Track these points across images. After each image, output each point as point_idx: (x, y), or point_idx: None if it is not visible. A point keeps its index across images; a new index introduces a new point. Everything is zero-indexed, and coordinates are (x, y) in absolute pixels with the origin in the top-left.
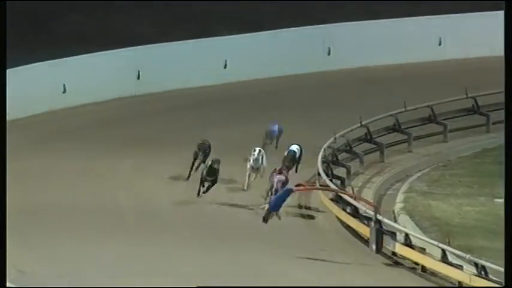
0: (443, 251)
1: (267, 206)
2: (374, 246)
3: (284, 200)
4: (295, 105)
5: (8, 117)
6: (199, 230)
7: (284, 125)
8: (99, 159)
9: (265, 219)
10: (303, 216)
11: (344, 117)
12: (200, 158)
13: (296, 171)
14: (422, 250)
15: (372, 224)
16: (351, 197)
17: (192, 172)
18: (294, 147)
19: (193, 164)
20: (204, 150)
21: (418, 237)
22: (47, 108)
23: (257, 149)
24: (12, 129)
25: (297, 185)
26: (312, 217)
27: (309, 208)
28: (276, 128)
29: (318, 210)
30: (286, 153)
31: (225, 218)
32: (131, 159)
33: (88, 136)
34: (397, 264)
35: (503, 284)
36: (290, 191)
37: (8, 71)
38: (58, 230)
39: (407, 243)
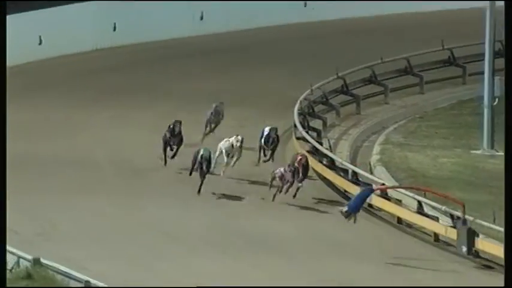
0: (419, 202)
1: (345, 208)
2: (465, 248)
3: (364, 200)
4: (272, 57)
5: None
6: (177, 185)
7: (262, 77)
8: (77, 111)
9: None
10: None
11: (321, 69)
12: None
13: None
14: (398, 202)
15: (460, 223)
16: (440, 195)
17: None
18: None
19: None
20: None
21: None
22: (24, 60)
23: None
24: None
25: (381, 187)
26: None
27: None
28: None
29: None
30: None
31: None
32: (108, 111)
33: (65, 88)
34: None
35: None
36: (371, 191)
37: None
38: (35, 183)
39: (384, 194)
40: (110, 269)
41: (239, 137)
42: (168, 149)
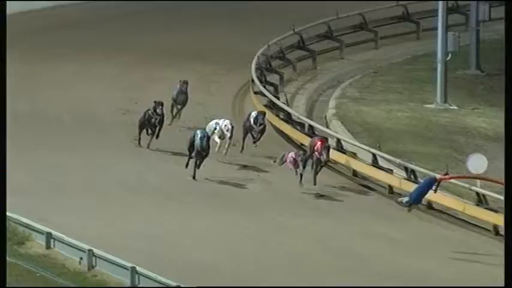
0: (374, 155)
1: (406, 198)
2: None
3: (427, 191)
4: (232, 13)
5: None
6: (132, 135)
7: (218, 33)
8: (40, 65)
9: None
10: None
11: (277, 25)
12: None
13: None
14: (353, 155)
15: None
16: (498, 182)
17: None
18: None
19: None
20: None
21: (349, 142)
22: None
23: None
24: None
25: (444, 174)
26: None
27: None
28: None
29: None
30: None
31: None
32: (71, 64)
33: (28, 42)
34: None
35: None
36: (433, 181)
37: None
38: None
39: (339, 148)
40: (71, 221)
41: (228, 125)
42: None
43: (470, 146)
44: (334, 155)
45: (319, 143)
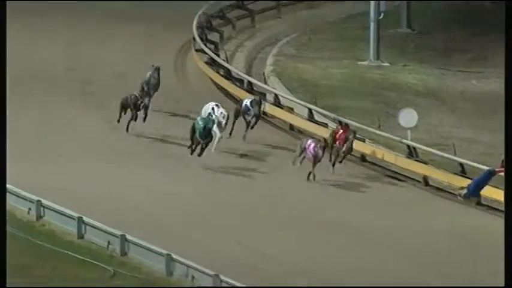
0: (310, 110)
1: (465, 191)
2: None
3: (485, 184)
4: None
5: None
6: (81, 95)
7: None
8: None
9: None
10: (179, 79)
11: None
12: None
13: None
14: (290, 110)
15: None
16: None
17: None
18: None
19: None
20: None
21: (286, 97)
22: None
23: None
24: None
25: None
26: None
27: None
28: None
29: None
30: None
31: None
32: (19, 21)
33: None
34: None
35: None
36: (492, 173)
37: None
38: None
39: (277, 103)
40: (20, 174)
41: (224, 112)
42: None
43: (401, 101)
44: (272, 109)
45: (341, 131)
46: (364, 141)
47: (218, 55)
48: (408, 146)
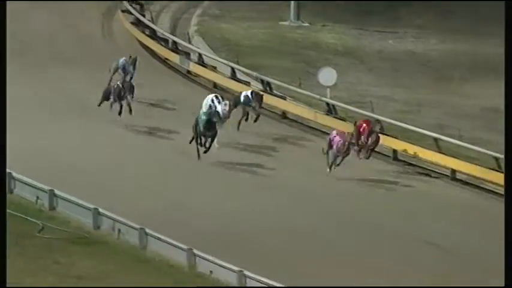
0: (233, 69)
1: None
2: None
3: None
4: None
5: None
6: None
7: None
8: None
9: None
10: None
11: None
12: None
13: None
14: (213, 68)
15: None
16: None
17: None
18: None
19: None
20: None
21: (209, 56)
22: None
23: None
24: None
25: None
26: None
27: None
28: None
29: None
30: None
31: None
32: None
33: None
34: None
35: None
36: None
37: None
38: None
39: (200, 62)
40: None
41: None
42: None
43: (321, 60)
44: (196, 68)
45: (364, 125)
46: (285, 99)
47: (144, 15)
48: (327, 104)
